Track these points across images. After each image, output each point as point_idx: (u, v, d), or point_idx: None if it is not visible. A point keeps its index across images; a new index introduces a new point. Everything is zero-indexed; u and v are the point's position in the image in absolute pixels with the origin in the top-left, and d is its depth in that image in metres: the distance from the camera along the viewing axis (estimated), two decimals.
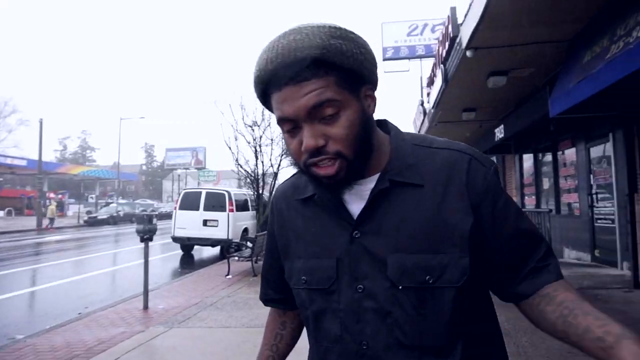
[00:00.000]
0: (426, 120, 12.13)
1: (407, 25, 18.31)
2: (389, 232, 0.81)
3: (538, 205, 10.11)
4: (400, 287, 0.79)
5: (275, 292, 1.04)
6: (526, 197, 11.12)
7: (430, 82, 10.58)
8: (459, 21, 6.62)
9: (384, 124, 0.91)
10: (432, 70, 10.24)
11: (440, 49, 8.34)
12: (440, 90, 8.41)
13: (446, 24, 7.56)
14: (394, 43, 18.22)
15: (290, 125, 0.78)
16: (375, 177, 0.84)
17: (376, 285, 0.80)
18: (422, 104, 13.61)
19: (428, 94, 11.61)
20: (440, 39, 8.57)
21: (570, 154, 8.37)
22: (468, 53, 5.94)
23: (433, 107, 10.00)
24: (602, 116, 6.38)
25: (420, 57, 18.19)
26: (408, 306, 0.79)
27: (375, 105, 0.84)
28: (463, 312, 0.80)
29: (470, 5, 5.40)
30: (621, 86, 4.24)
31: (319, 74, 0.75)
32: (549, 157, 9.51)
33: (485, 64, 6.52)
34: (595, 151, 7.41)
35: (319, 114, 0.76)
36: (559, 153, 8.86)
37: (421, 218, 0.80)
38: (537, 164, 10.26)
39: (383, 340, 0.80)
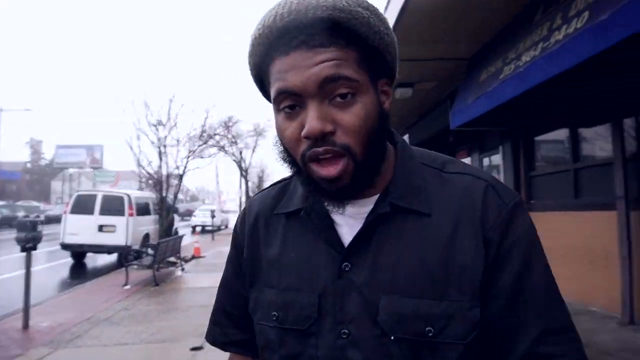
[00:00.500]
0: None
1: None
2: (386, 267, 0.65)
3: None
4: (392, 338, 0.63)
5: (241, 332, 0.81)
6: None
7: None
8: None
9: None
10: None
11: None
12: None
13: None
14: None
15: (290, 101, 0.62)
16: (374, 198, 0.68)
17: (364, 332, 0.65)
18: None
19: None
20: None
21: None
22: None
23: None
24: (493, 130, 7.00)
25: None
26: None
27: (390, 106, 0.69)
28: None
29: None
30: (510, 104, 4.66)
31: (339, 43, 0.61)
32: None
33: None
34: (487, 161, 8.10)
35: (331, 93, 0.61)
36: None
37: (426, 254, 0.65)
38: None
39: None
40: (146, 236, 11.75)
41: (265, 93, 0.69)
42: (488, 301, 0.64)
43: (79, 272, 10.55)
